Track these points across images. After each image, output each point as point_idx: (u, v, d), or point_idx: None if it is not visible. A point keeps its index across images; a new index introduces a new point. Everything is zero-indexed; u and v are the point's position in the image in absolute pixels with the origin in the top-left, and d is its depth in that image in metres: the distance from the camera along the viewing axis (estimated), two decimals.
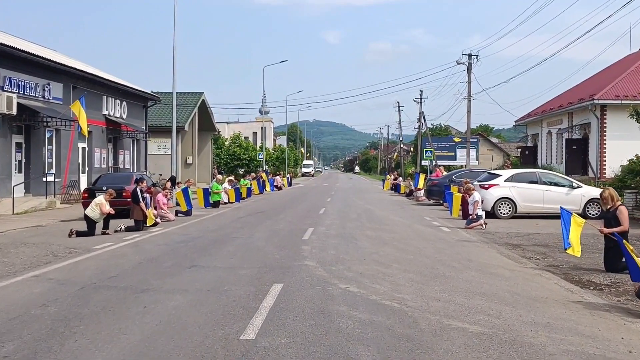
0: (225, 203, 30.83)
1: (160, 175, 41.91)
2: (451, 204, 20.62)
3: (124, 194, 22.21)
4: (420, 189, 34.82)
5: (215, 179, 30.23)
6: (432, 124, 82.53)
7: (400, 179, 47.14)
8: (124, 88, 38.46)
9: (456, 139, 47.46)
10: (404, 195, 40.82)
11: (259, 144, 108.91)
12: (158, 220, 20.60)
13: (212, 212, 25.38)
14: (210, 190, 29.19)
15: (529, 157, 54.43)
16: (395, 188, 47.54)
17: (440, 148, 72.47)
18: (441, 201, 31.01)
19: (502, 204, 23.16)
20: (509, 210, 23.17)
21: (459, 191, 23.62)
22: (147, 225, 18.63)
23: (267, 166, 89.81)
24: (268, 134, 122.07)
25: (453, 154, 77.48)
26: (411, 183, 40.97)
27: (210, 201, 28.80)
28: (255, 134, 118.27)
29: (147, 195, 19.42)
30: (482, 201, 20.30)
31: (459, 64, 42.55)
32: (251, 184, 37.39)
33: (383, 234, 17.11)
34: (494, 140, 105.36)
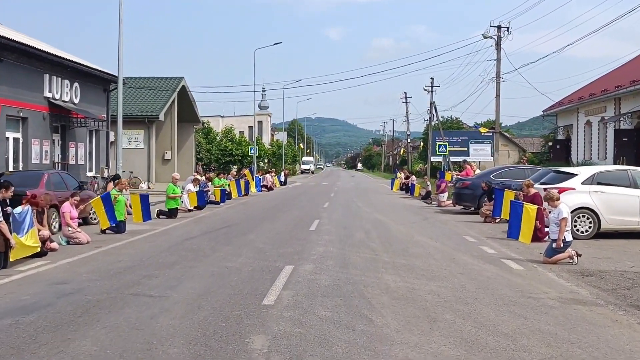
0: (190, 210, 23.34)
1: (103, 168, 33.94)
2: (517, 220, 12.79)
3: (23, 200, 14.80)
4: (443, 192, 27.19)
5: (174, 180, 22.55)
6: (442, 117, 74.80)
7: (414, 177, 39.42)
8: (74, 65, 30.84)
9: (482, 130, 39.61)
10: (419, 198, 33.23)
11: (263, 139, 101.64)
12: (55, 244, 13.13)
13: (159, 227, 17.84)
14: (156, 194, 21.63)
15: (560, 152, 46.87)
16: (407, 189, 39.97)
17: (452, 143, 64.86)
18: (473, 208, 23.51)
19: (579, 218, 15.56)
20: (590, 227, 15.60)
21: (516, 198, 16.03)
22: (12, 259, 11.05)
23: (263, 163, 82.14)
24: (265, 128, 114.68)
25: (466, 149, 70.41)
26: (429, 184, 33.35)
27: (166, 209, 21.30)
28: (251, 128, 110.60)
29: (27, 209, 11.83)
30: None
31: (485, 37, 34.92)
32: (228, 185, 29.76)
33: (416, 281, 9.50)
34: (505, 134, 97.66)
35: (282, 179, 53.41)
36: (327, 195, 34.95)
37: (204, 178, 27.10)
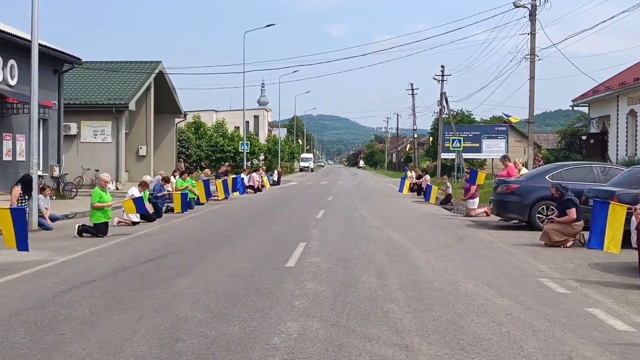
0: (135, 223, 17.09)
1: None
2: None
3: None
4: (474, 197, 20.88)
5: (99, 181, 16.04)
6: (453, 110, 68.16)
7: (427, 177, 32.92)
8: (4, 37, 24.57)
9: (513, 119, 33.03)
10: (437, 203, 26.91)
11: (259, 136, 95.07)
12: None
13: (60, 255, 11.53)
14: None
15: (594, 147, 40.62)
16: (419, 190, 33.67)
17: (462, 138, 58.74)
18: (517, 221, 17.28)
19: None
20: None
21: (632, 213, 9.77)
22: None
23: (257, 160, 75.72)
24: (262, 123, 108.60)
25: (477, 145, 64.37)
26: (449, 185, 26.99)
27: (91, 223, 14.97)
28: (247, 123, 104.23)
29: None
30: None
31: (517, 6, 28.56)
32: (195, 187, 23.35)
33: None
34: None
35: (275, 178, 47.13)
36: (323, 199, 28.63)
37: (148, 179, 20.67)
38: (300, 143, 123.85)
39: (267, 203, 25.97)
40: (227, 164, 53.93)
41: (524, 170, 18.89)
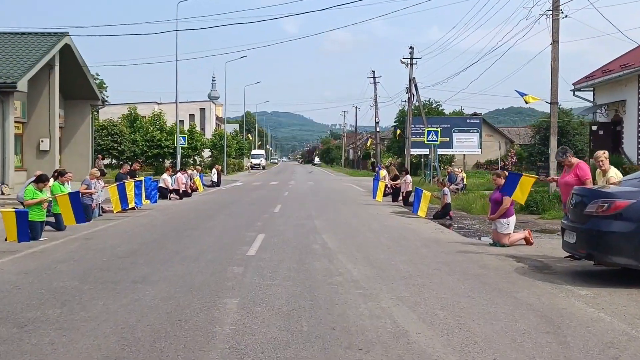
0: None
1: None
2: None
3: None
4: (508, 215, 12.73)
5: None
6: (424, 98, 60.03)
7: (408, 178, 24.70)
8: None
9: (530, 99, 24.82)
10: (431, 217, 18.90)
11: (206, 130, 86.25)
12: None
13: None
14: None
15: (604, 139, 32.98)
16: (394, 195, 25.72)
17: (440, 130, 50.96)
18: (625, 266, 9.22)
19: None
20: None
21: None
22: None
23: (200, 157, 66.86)
24: (209, 117, 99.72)
25: (448, 139, 57.15)
26: (447, 192, 18.92)
27: None
28: (192, 116, 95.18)
29: None
30: None
31: None
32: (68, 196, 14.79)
33: None
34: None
35: (215, 178, 38.80)
36: (268, 210, 20.36)
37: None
38: (251, 138, 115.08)
39: (181, 220, 17.47)
40: (137, 159, 45.16)
41: (613, 174, 10.43)
